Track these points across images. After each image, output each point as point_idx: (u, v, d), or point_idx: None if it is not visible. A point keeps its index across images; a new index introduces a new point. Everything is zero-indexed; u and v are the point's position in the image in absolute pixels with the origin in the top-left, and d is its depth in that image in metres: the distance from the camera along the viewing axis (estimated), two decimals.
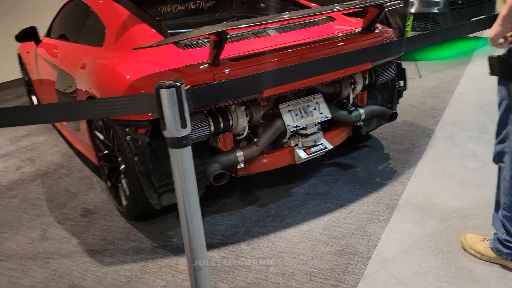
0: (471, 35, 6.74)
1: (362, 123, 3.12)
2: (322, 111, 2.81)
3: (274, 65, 2.46)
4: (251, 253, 2.40)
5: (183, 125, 1.44)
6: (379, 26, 3.01)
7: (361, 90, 3.04)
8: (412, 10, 6.01)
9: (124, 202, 2.80)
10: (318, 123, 2.81)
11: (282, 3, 3.58)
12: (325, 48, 2.64)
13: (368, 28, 2.89)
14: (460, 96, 4.50)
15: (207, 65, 2.38)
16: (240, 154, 2.60)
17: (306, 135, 2.77)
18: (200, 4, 3.79)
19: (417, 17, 5.97)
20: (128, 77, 2.42)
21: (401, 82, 3.33)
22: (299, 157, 2.76)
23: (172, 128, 1.43)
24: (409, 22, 5.95)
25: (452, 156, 3.25)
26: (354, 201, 2.81)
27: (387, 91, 3.32)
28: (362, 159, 3.34)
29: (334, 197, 2.87)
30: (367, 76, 2.99)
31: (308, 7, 3.42)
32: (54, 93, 3.74)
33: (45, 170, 3.76)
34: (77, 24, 3.63)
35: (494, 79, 1.96)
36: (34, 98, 5.07)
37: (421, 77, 5.28)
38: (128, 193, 2.69)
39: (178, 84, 1.44)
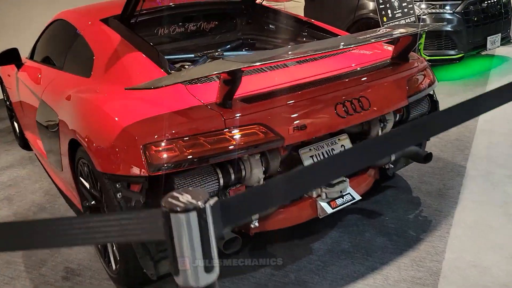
0: (483, 53, 6.36)
1: (392, 166, 2.69)
2: None
3: (298, 106, 2.03)
4: None
5: (208, 268, 0.92)
6: (411, 54, 2.59)
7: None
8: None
9: (114, 266, 2.34)
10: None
11: (295, 25, 3.16)
12: (357, 84, 2.21)
13: (401, 57, 2.47)
14: (486, 124, 4.09)
15: (215, 107, 1.94)
16: None
17: (331, 185, 2.33)
18: (201, 25, 3.37)
19: (429, 35, 5.59)
20: (118, 119, 1.98)
21: None
22: (323, 211, 2.32)
23: (191, 275, 0.90)
24: (422, 41, 5.58)
25: (494, 202, 2.82)
26: (388, 262, 2.36)
27: None
28: (388, 204, 2.90)
29: (363, 256, 2.43)
30: (398, 112, 2.57)
31: (325, 30, 3.00)
32: (34, 123, 3.29)
33: (24, 213, 3.28)
34: (62, 48, 3.19)
35: None
36: (16, 125, 4.60)
37: (438, 101, 4.87)
38: (118, 258, 2.23)
39: (200, 204, 0.90)
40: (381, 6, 4.41)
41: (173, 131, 1.88)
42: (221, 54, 3.02)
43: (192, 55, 3.05)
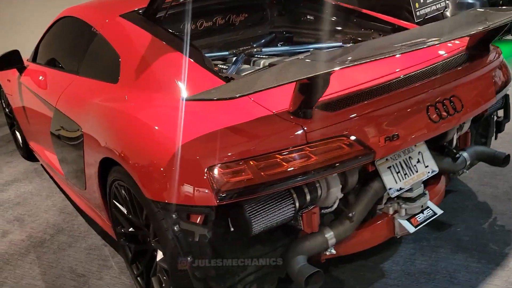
0: (506, 37, 6.06)
1: (467, 171, 2.37)
2: (427, 163, 2.04)
3: (386, 111, 1.69)
4: None
5: None
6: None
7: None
8: (448, 13, 5.31)
9: None
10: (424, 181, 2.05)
11: (340, 14, 2.80)
12: (446, 81, 1.88)
13: (482, 48, 2.13)
14: None
15: (291, 117, 1.59)
16: (330, 235, 1.83)
17: (412, 199, 2.00)
18: (231, 18, 2.99)
19: None
20: (173, 137, 1.63)
21: (499, 112, 2.60)
22: (403, 229, 1.99)
23: None
24: None
25: None
26: (478, 285, 2.05)
27: (482, 123, 2.57)
28: (455, 212, 2.59)
29: (446, 278, 2.11)
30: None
31: (376, 19, 2.66)
32: (46, 134, 2.92)
33: (40, 237, 2.91)
34: (76, 50, 2.80)
35: None
36: (18, 134, 4.19)
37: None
38: None
39: None
40: None
41: (243, 149, 1.53)
42: (260, 51, 2.66)
43: (227, 53, 2.69)
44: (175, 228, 1.61)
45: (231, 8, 2.96)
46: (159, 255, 1.93)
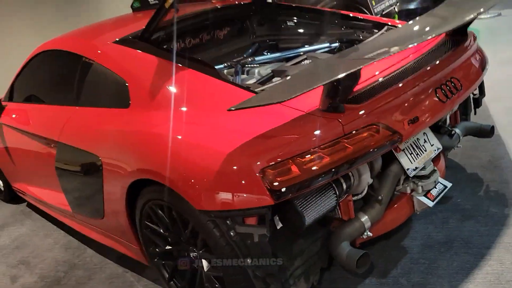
0: None
1: (460, 146, 2.60)
2: (432, 142, 2.24)
3: (405, 97, 1.87)
4: None
5: None
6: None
7: None
8: (396, 8, 5.68)
9: None
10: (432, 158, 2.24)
11: (319, 17, 2.98)
12: (445, 65, 2.09)
13: (461, 32, 2.37)
14: (493, 94, 4.14)
15: (326, 113, 1.72)
16: (365, 219, 1.97)
17: (426, 177, 2.19)
18: (215, 33, 3.10)
19: (401, 14, 5.65)
20: (217, 148, 1.72)
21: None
22: (422, 205, 2.17)
23: None
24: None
25: None
26: (492, 246, 2.27)
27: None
28: (452, 186, 2.77)
29: (462, 245, 2.31)
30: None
31: (355, 18, 2.87)
32: (43, 171, 2.90)
33: (53, 275, 2.86)
34: (68, 81, 2.79)
35: None
36: None
37: None
38: None
39: None
40: None
41: (288, 149, 1.65)
42: (253, 60, 2.78)
43: (222, 66, 2.78)
44: (231, 233, 1.69)
45: (214, 23, 3.07)
46: (205, 264, 1.99)
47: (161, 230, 2.12)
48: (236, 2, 3.24)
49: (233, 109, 1.61)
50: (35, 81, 3.24)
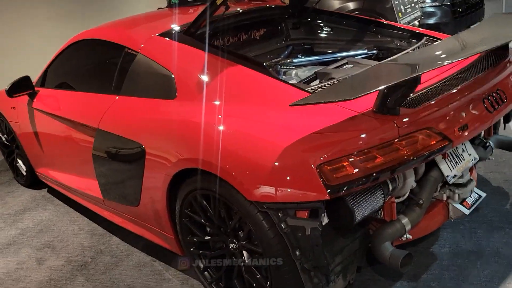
0: None
1: (492, 158, 2.65)
2: (470, 152, 2.30)
3: (456, 104, 1.92)
4: None
5: None
6: None
7: None
8: (416, 22, 5.76)
9: None
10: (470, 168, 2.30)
11: (357, 24, 3.04)
12: (492, 75, 2.15)
13: (504, 48, 2.43)
14: None
15: (383, 116, 1.77)
16: (406, 221, 2.02)
17: (464, 185, 2.24)
18: (252, 34, 3.16)
19: (422, 28, 5.72)
20: (275, 141, 1.77)
21: None
22: (458, 212, 2.23)
23: None
24: None
25: None
26: None
27: None
28: None
29: (492, 255, 2.36)
30: None
31: (390, 26, 2.93)
32: (74, 157, 2.94)
33: (80, 260, 2.89)
34: (108, 71, 2.84)
35: None
36: (21, 162, 4.07)
37: None
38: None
39: None
40: (395, 3, 4.43)
41: (345, 147, 1.70)
42: (291, 62, 2.84)
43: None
44: (282, 226, 1.74)
45: (252, 24, 3.13)
46: (245, 255, 2.04)
47: (202, 220, 2.16)
48: (273, 5, 3.29)
49: (295, 104, 1.66)
50: (71, 69, 3.29)
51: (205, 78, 2.22)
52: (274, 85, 2.05)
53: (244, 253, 2.05)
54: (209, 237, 2.21)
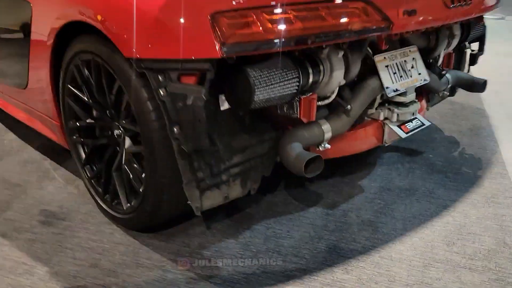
0: None
1: (446, 92, 2.32)
2: (420, 71, 1.96)
3: None
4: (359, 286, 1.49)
5: None
6: None
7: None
8: None
9: (126, 204, 1.72)
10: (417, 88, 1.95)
11: None
12: None
13: None
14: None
15: None
16: (327, 127, 1.67)
17: (405, 105, 1.90)
18: None
19: None
20: None
21: (473, 45, 2.58)
22: (393, 135, 1.89)
23: None
24: None
25: None
26: (458, 199, 2.00)
27: (455, 54, 2.53)
28: (424, 143, 2.54)
29: (425, 193, 2.04)
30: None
31: None
32: None
33: None
34: None
35: None
36: None
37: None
38: (143, 189, 1.61)
39: None
40: None
41: None
42: None
43: None
44: (161, 93, 1.35)
45: None
46: (127, 142, 1.66)
47: (85, 98, 1.76)
48: None
49: None
50: None
51: None
52: None
53: (127, 140, 1.67)
54: (92, 121, 1.81)
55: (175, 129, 1.36)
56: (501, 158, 2.39)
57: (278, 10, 1.32)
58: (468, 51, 2.56)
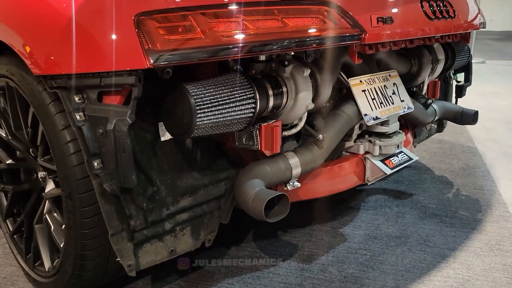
0: None
1: (434, 126, 2.07)
2: (403, 98, 1.70)
3: None
4: None
5: None
6: None
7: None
8: None
9: (48, 264, 1.37)
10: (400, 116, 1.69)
11: None
12: None
13: None
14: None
15: None
16: (295, 161, 1.37)
17: (388, 136, 1.63)
18: None
19: None
20: None
21: (459, 76, 2.37)
22: (377, 172, 1.61)
23: None
24: None
25: None
26: (458, 248, 1.69)
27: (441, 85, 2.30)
28: (413, 184, 2.26)
29: (418, 241, 1.73)
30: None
31: None
32: None
33: None
34: None
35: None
36: None
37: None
38: (63, 244, 1.27)
39: None
40: None
41: None
42: None
43: None
44: (78, 117, 1.06)
45: None
46: (49, 186, 1.34)
47: (3, 134, 1.46)
48: None
49: None
50: None
51: None
52: None
53: (50, 183, 1.35)
54: (13, 161, 1.50)
55: (95, 164, 1.06)
56: (502, 199, 2.10)
57: (223, 11, 1.07)
58: (454, 82, 2.35)
